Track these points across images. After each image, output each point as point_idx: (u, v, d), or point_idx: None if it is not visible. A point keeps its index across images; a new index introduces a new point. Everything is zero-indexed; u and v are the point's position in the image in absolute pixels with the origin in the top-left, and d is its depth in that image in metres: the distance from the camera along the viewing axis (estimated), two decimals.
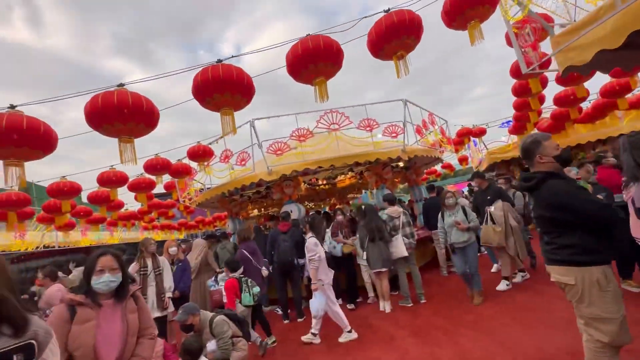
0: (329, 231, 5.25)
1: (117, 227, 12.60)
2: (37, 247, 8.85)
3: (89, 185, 6.93)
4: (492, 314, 3.69)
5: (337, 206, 10.23)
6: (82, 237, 11.19)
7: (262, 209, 10.30)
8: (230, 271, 4.21)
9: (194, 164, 6.87)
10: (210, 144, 6.49)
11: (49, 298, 4.68)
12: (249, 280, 4.27)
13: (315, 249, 3.88)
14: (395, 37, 3.06)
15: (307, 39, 2.87)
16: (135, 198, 7.48)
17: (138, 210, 10.74)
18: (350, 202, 12.33)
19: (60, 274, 5.37)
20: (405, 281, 4.57)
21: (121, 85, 2.42)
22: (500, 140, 9.38)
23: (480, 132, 9.49)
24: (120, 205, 8.38)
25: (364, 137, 6.22)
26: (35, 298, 4.70)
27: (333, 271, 4.13)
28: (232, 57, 2.61)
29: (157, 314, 3.69)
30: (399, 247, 4.47)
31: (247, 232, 5.61)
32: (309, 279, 5.26)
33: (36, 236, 8.84)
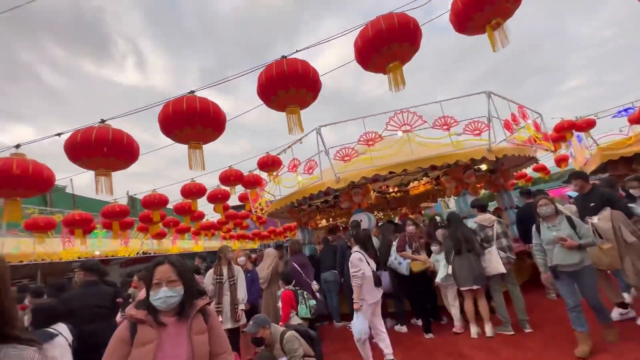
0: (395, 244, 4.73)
1: (200, 236, 13.78)
2: (138, 253, 10.13)
3: (176, 197, 7.65)
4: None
5: (409, 215, 9.49)
6: (172, 245, 12.52)
7: (331, 219, 10.12)
8: (285, 283, 4.10)
9: (264, 175, 7.05)
10: (279, 154, 6.58)
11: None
12: (305, 292, 4.10)
13: (359, 265, 3.53)
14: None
15: (378, 19, 2.57)
16: (214, 209, 7.96)
17: (217, 221, 11.59)
18: (423, 211, 11.39)
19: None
20: (502, 303, 3.80)
21: (191, 92, 2.47)
22: (617, 133, 7.58)
23: (587, 125, 7.84)
24: (201, 216, 9.10)
25: (440, 138, 5.59)
26: (130, 300, 5.14)
27: (381, 290, 3.69)
28: (297, 51, 2.48)
29: (230, 325, 3.65)
30: (494, 261, 3.75)
31: (297, 245, 5.44)
32: (383, 294, 4.78)
33: (136, 244, 10.13)
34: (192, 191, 6.18)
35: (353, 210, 6.04)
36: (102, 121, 2.65)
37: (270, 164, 6.25)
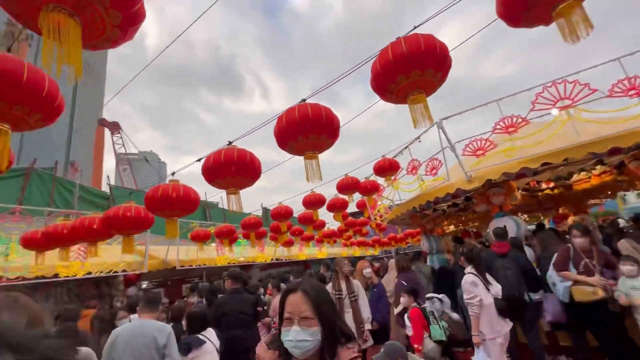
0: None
1: (323, 244, 14.40)
2: (272, 259, 11.31)
3: (300, 208, 8.13)
4: None
5: (572, 218, 7.32)
6: (299, 251, 13.49)
7: (461, 224, 8.86)
8: (412, 299, 3.53)
9: (381, 180, 6.68)
10: (395, 156, 6.11)
11: (276, 307, 5.47)
12: (434, 311, 3.43)
13: (472, 290, 2.93)
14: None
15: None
16: (334, 217, 8.04)
17: (337, 229, 11.84)
18: (588, 210, 8.62)
19: (282, 285, 6.29)
20: None
21: (303, 100, 2.39)
22: None
23: None
24: (323, 224, 9.41)
25: (622, 109, 4.02)
26: (265, 307, 5.54)
27: (510, 323, 2.96)
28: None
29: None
30: None
31: (405, 262, 4.73)
32: (552, 324, 3.67)
33: (270, 251, 11.34)
34: (313, 201, 6.35)
35: (493, 214, 4.97)
36: (229, 143, 2.86)
37: (387, 168, 5.83)
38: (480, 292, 2.99)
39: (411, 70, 2.04)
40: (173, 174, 3.34)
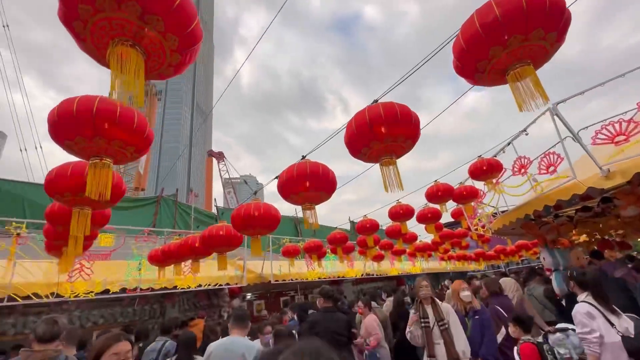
0: None
1: (416, 258, 13.34)
2: (362, 274, 10.95)
3: (387, 220, 7.68)
4: None
5: None
6: (391, 266, 12.77)
7: (597, 233, 7.01)
8: (522, 331, 2.74)
9: (479, 185, 5.78)
10: (496, 155, 5.21)
11: (368, 327, 5.10)
12: (555, 348, 2.58)
13: (587, 323, 2.41)
14: None
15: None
16: (426, 229, 7.32)
17: (432, 241, 10.80)
18: None
19: (373, 304, 5.90)
20: None
21: (375, 101, 2.13)
22: None
23: None
24: (414, 237, 8.67)
25: None
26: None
27: None
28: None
29: None
30: None
31: (495, 285, 3.70)
32: None
33: (360, 265, 11.02)
34: (400, 213, 5.87)
35: None
36: (303, 157, 2.79)
37: (486, 169, 4.99)
38: (599, 326, 2.41)
39: (511, 35, 1.54)
40: (255, 193, 3.49)
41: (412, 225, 9.50)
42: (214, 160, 49.98)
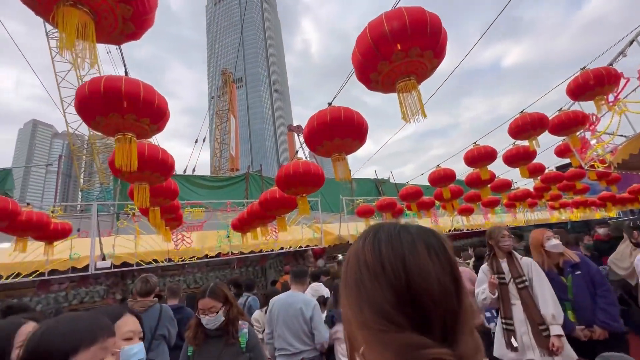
0: None
1: (517, 209, 11.63)
2: (449, 231, 10.14)
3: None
4: None
5: None
6: (485, 220, 11.47)
7: None
8: None
9: (589, 105, 4.45)
10: (612, 63, 3.86)
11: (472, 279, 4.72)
12: None
13: None
14: None
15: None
16: (520, 174, 6.19)
17: (534, 188, 9.16)
18: None
19: (459, 260, 5.39)
20: None
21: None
22: None
23: None
24: (506, 184, 7.44)
25: None
26: None
27: None
28: None
29: (532, 356, 2.25)
30: None
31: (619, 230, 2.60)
32: None
33: (445, 222, 10.21)
34: (477, 156, 5.03)
35: None
36: (329, 104, 2.52)
37: (594, 84, 3.77)
38: None
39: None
40: (296, 152, 3.38)
41: (504, 172, 8.22)
42: (295, 135, 52.26)
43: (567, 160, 7.10)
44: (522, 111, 4.64)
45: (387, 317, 0.47)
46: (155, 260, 6.16)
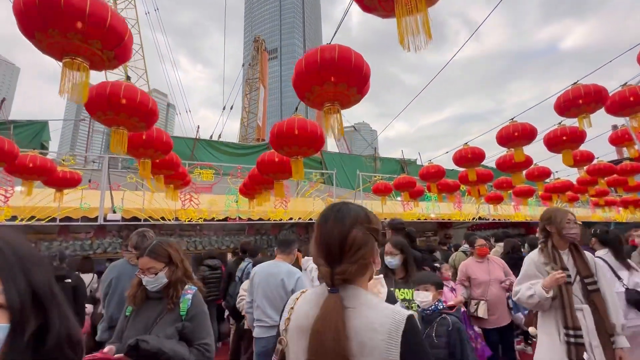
0: None
1: (554, 202, 10.58)
2: (473, 218, 9.43)
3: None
4: None
5: None
6: (514, 211, 10.58)
7: None
8: None
9: None
10: None
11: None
12: None
13: None
14: None
15: None
16: (563, 161, 5.41)
17: (577, 180, 8.16)
18: None
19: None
20: None
21: None
22: None
23: None
24: (544, 172, 6.59)
25: None
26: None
27: None
28: None
29: None
30: None
31: None
32: None
33: (470, 209, 9.47)
34: (513, 134, 4.35)
35: None
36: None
37: None
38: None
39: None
40: (296, 109, 2.98)
41: (544, 159, 7.35)
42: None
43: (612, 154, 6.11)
44: (574, 83, 3.87)
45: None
46: (163, 218, 6.20)
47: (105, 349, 1.48)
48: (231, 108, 25.30)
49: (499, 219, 9.86)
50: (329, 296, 0.88)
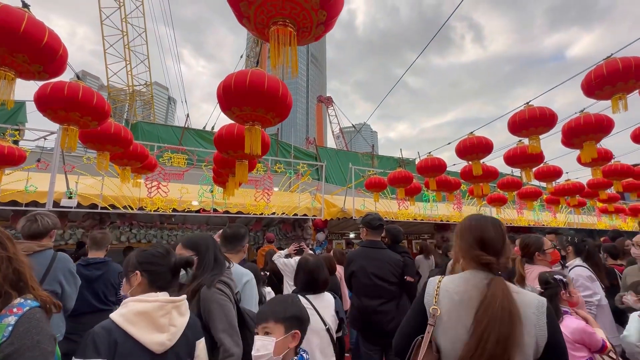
0: None
1: (560, 207, 9.92)
2: None
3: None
4: None
5: None
6: (517, 215, 9.92)
7: None
8: None
9: None
10: None
11: None
12: None
13: (590, 287, 2.65)
14: None
15: None
16: (581, 159, 4.74)
17: (587, 182, 7.49)
18: None
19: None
20: None
21: None
22: None
23: None
24: (555, 171, 5.90)
25: None
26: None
27: None
28: None
29: None
30: None
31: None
32: None
33: (470, 210, 8.82)
34: (530, 120, 3.67)
35: None
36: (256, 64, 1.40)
37: None
38: (598, 289, 2.71)
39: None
40: (257, 63, 2.34)
41: (556, 156, 6.71)
42: (324, 106, 50.78)
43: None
44: (609, 55, 3.17)
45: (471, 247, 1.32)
46: (131, 207, 5.49)
47: None
48: None
49: (508, 223, 9.19)
50: (496, 278, 1.22)
